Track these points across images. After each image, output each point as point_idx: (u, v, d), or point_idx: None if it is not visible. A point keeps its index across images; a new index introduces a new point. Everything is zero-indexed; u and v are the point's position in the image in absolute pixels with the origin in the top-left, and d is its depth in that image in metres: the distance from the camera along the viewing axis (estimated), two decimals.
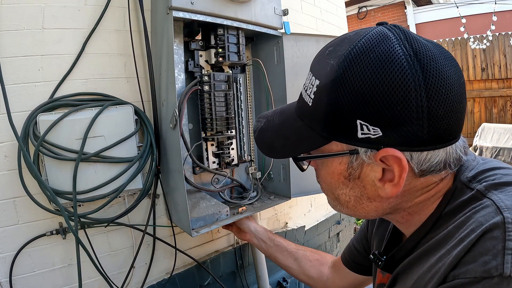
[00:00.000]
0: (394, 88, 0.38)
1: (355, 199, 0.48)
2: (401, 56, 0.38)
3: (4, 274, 0.91)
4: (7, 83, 0.88)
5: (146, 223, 1.10)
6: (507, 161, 3.92)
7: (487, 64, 5.09)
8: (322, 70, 0.43)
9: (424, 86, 0.38)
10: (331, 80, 0.41)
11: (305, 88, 0.47)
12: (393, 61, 0.38)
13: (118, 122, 0.98)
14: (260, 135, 0.55)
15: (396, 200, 0.47)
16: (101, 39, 1.02)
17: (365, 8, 7.23)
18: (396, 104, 0.38)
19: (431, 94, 0.38)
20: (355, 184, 0.47)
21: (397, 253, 0.54)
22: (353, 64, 0.40)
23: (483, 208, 0.40)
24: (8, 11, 0.88)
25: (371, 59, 0.39)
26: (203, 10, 0.98)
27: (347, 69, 0.40)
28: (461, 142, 0.45)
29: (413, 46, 0.39)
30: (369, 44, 0.40)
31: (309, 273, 0.93)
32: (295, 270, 0.96)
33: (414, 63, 0.38)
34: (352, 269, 0.80)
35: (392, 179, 0.43)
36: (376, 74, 0.39)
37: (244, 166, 1.33)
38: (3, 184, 0.90)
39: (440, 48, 0.41)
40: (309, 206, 1.90)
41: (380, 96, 0.38)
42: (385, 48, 0.39)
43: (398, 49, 0.39)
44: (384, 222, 0.64)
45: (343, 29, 2.17)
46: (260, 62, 1.27)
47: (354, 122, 0.41)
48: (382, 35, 0.41)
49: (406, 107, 0.38)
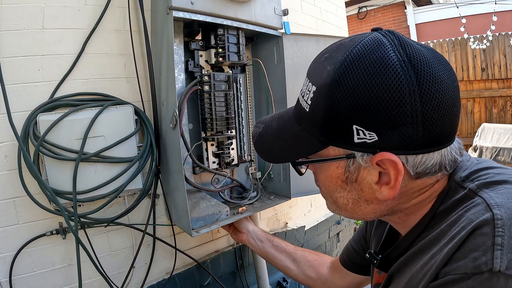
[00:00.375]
0: (388, 94, 0.39)
1: (353, 202, 0.49)
2: (395, 62, 0.39)
3: (4, 274, 0.91)
4: (7, 83, 0.88)
5: (146, 223, 1.10)
6: (507, 161, 3.92)
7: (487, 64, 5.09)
8: (319, 76, 0.44)
9: (418, 90, 0.39)
10: (327, 86, 0.42)
11: (302, 94, 0.48)
12: (387, 67, 0.39)
13: (118, 122, 0.98)
14: (258, 140, 0.56)
15: (393, 202, 0.48)
16: (101, 39, 1.02)
17: (365, 8, 7.23)
18: (391, 109, 0.39)
19: (425, 99, 0.39)
20: (353, 187, 0.48)
21: (393, 252, 0.55)
22: (349, 70, 0.41)
23: (474, 206, 0.41)
24: (8, 11, 0.88)
25: (366, 65, 0.40)
26: (203, 10, 0.98)
27: (342, 75, 0.41)
28: (456, 144, 0.46)
29: (407, 52, 0.40)
30: (364, 50, 0.41)
31: (308, 273, 0.92)
32: (294, 271, 0.95)
33: (408, 68, 0.39)
34: (350, 269, 0.80)
35: (388, 182, 0.44)
36: (371, 80, 0.40)
37: (244, 166, 1.33)
38: (3, 184, 0.90)
39: (433, 53, 0.42)
40: (309, 206, 1.90)
41: (375, 102, 0.39)
42: (380, 54, 0.40)
43: (392, 55, 0.40)
44: (382, 223, 0.65)
45: (343, 29, 2.17)
46: (260, 62, 1.27)
47: (350, 127, 0.41)
48: (377, 41, 0.42)
49: (401, 111, 0.39)
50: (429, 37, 6.39)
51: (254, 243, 1.06)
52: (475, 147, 4.31)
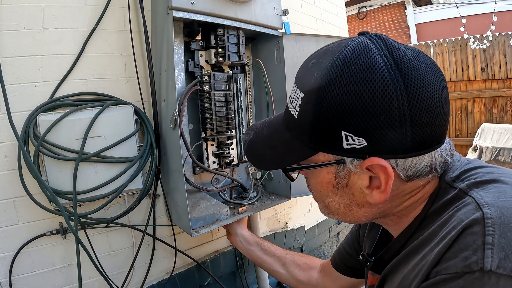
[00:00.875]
0: (376, 99, 0.39)
1: (344, 206, 0.50)
2: (382, 66, 0.39)
3: (4, 274, 0.91)
4: (7, 83, 0.88)
5: (146, 223, 1.10)
6: (507, 161, 3.91)
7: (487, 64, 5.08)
8: (306, 83, 0.44)
9: (406, 95, 0.38)
10: (315, 92, 0.42)
11: (291, 101, 0.48)
12: (374, 72, 0.39)
13: (118, 122, 0.98)
14: (249, 147, 0.57)
15: (385, 205, 0.48)
16: (101, 39, 1.02)
17: (365, 8, 7.23)
18: (379, 114, 0.39)
19: (413, 103, 0.39)
20: (344, 192, 0.48)
21: (385, 254, 0.55)
22: (336, 76, 0.41)
23: (464, 206, 0.41)
24: (8, 11, 0.88)
25: (352, 70, 0.40)
26: (203, 10, 0.98)
27: (330, 82, 0.41)
28: (446, 145, 0.46)
29: (394, 56, 0.40)
30: (351, 56, 0.41)
31: (298, 277, 0.91)
32: (284, 275, 0.93)
33: (395, 73, 0.39)
34: (343, 272, 0.79)
35: (379, 186, 0.44)
36: (358, 85, 0.39)
37: (244, 166, 1.33)
38: (3, 184, 0.90)
39: (421, 56, 0.42)
40: (309, 206, 1.90)
41: (363, 107, 0.39)
42: (366, 59, 0.40)
43: (379, 59, 0.40)
44: (376, 225, 0.65)
45: (343, 29, 2.17)
46: (260, 62, 1.26)
47: (339, 133, 0.41)
48: (363, 46, 0.42)
49: (389, 116, 0.39)
50: (429, 37, 6.38)
51: (242, 247, 1.05)
52: (475, 147, 4.31)
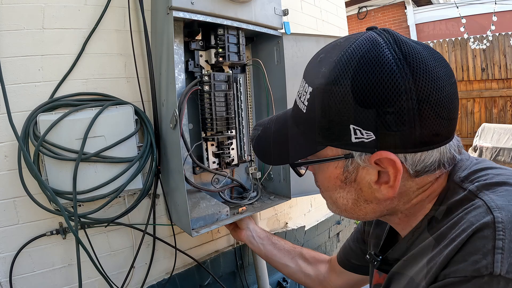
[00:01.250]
0: (384, 92, 0.38)
1: (352, 202, 0.49)
2: (390, 60, 0.39)
3: (4, 274, 0.91)
4: (7, 83, 0.88)
5: (146, 223, 1.10)
6: (507, 161, 3.92)
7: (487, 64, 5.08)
8: (315, 77, 0.44)
9: (415, 89, 0.38)
10: (323, 86, 0.42)
11: (299, 95, 0.48)
12: (383, 66, 0.39)
13: (118, 122, 0.98)
14: (257, 143, 0.57)
15: (394, 202, 0.48)
16: (101, 39, 1.02)
17: (365, 8, 7.23)
18: (388, 107, 0.39)
19: (422, 97, 0.38)
20: (352, 187, 0.48)
21: (393, 254, 0.55)
22: (344, 70, 0.41)
23: (474, 208, 0.41)
24: (8, 11, 0.88)
25: (361, 64, 0.40)
26: (203, 10, 0.98)
27: (338, 75, 0.41)
28: (455, 141, 0.46)
29: (403, 50, 0.40)
30: (359, 50, 0.41)
31: (306, 271, 0.93)
32: (292, 268, 0.96)
33: (404, 67, 0.39)
34: (347, 268, 0.80)
35: (387, 181, 0.44)
36: (367, 80, 0.39)
37: (244, 166, 1.33)
38: (3, 184, 0.90)
39: (430, 50, 0.42)
40: (309, 206, 1.90)
41: (371, 100, 0.39)
42: (375, 53, 0.40)
43: (387, 54, 0.40)
44: (381, 222, 0.65)
45: (343, 29, 2.17)
46: (260, 62, 1.26)
47: (347, 127, 0.41)
48: (372, 40, 0.41)
49: (398, 110, 0.38)
50: (429, 37, 6.39)
51: (253, 241, 1.06)
52: (475, 147, 4.31)
